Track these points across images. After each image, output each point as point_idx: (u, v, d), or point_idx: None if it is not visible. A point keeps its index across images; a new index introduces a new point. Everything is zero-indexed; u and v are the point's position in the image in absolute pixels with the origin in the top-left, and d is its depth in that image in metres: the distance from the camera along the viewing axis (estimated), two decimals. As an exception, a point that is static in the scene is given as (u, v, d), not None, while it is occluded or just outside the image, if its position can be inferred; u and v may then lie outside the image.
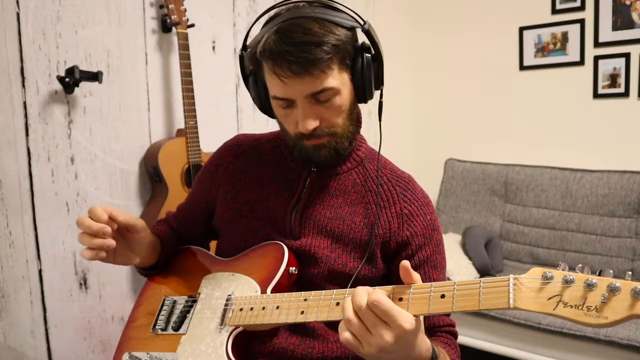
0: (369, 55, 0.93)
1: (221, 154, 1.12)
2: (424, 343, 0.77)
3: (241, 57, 0.98)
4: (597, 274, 0.63)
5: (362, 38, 0.95)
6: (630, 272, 0.63)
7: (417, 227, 0.98)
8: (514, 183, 2.71)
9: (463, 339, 2.29)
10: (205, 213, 1.14)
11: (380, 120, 1.00)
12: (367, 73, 0.93)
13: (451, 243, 2.60)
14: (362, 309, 0.71)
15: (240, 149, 1.10)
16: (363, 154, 1.04)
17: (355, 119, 0.99)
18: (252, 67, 0.95)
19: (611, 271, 0.63)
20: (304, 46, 0.83)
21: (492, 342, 2.24)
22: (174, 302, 1.05)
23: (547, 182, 2.60)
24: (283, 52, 0.83)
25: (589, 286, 0.62)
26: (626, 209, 2.37)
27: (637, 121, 2.52)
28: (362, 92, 0.94)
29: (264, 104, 0.98)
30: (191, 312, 1.01)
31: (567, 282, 0.64)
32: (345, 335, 0.73)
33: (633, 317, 0.59)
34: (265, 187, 1.04)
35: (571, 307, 0.63)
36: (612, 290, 0.60)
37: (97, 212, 0.94)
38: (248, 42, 0.96)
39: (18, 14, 1.58)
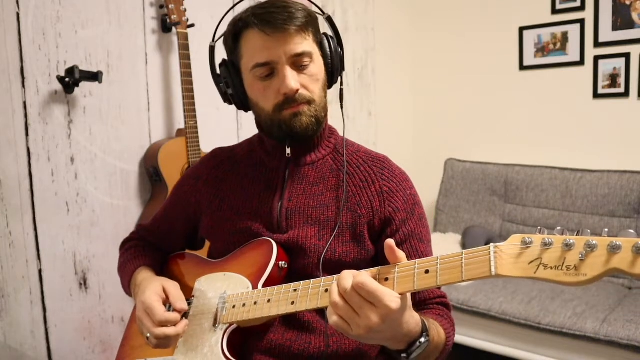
0: (334, 40, 1.02)
1: (199, 169, 1.14)
2: (413, 318, 0.77)
3: (212, 48, 1.04)
4: (575, 234, 0.64)
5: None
6: (606, 230, 0.63)
7: (398, 202, 1.00)
8: (514, 183, 2.71)
9: (463, 339, 2.29)
10: (188, 226, 1.15)
11: (342, 107, 1.06)
12: (335, 54, 1.00)
13: (451, 243, 2.60)
14: (347, 292, 0.72)
15: (218, 160, 1.12)
16: (335, 141, 1.07)
17: (326, 97, 1.02)
18: (226, 57, 1.01)
19: (589, 231, 0.64)
20: (287, 8, 0.92)
21: (492, 342, 2.24)
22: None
23: (547, 182, 2.60)
24: (268, 13, 0.91)
25: (567, 246, 0.63)
26: (626, 209, 2.37)
27: (637, 121, 2.52)
28: (330, 72, 1.01)
29: (238, 91, 1.01)
30: (186, 315, 1.01)
31: (546, 245, 0.65)
32: (333, 318, 0.74)
33: (611, 271, 0.60)
34: (247, 190, 1.05)
35: (551, 268, 0.64)
36: (589, 247, 0.61)
37: (170, 317, 0.95)
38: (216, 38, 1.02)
39: (18, 14, 1.59)
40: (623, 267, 0.59)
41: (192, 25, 1.90)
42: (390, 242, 0.76)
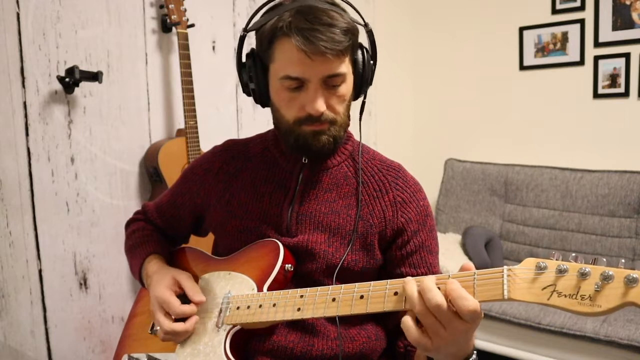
0: (369, 54, 0.98)
1: (210, 159, 1.11)
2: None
3: (242, 38, 0.98)
4: (590, 262, 0.63)
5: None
6: (623, 260, 0.62)
7: (411, 213, 1.00)
8: (514, 183, 2.71)
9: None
10: (193, 215, 1.14)
11: (360, 120, 1.04)
12: (367, 70, 0.97)
13: (451, 243, 2.60)
14: (441, 308, 0.68)
15: (230, 153, 1.10)
16: (351, 147, 1.06)
17: (349, 115, 1.00)
18: (255, 48, 0.96)
19: (605, 260, 0.63)
20: (331, 27, 0.87)
21: (492, 342, 2.24)
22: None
23: (547, 182, 2.60)
24: (313, 30, 0.85)
25: (583, 275, 0.62)
26: (626, 209, 2.37)
27: (637, 121, 2.52)
28: (359, 87, 0.98)
29: (261, 88, 0.97)
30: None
31: (561, 272, 0.64)
32: (415, 335, 0.71)
33: (626, 304, 0.59)
34: (259, 188, 1.04)
35: (565, 296, 0.63)
36: (605, 279, 0.60)
37: (186, 310, 0.95)
38: (250, 26, 0.96)
39: (18, 14, 1.59)
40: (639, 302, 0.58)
41: (192, 25, 1.90)
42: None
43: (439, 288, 0.70)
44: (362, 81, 0.97)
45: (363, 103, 1.02)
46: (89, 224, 1.79)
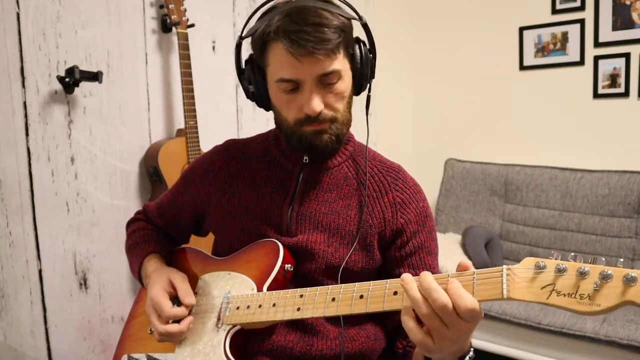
0: (366, 47, 0.98)
1: (211, 159, 1.11)
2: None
3: (239, 45, 0.99)
4: (589, 262, 0.63)
5: (356, 33, 0.98)
6: (622, 260, 0.63)
7: (411, 214, 1.00)
8: (514, 183, 2.71)
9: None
10: (194, 215, 1.14)
11: (367, 114, 1.03)
12: (365, 63, 0.97)
13: (451, 243, 2.60)
14: (447, 309, 0.67)
15: (231, 153, 1.10)
16: (352, 148, 1.06)
17: (350, 111, 1.00)
18: (252, 54, 0.97)
19: (603, 259, 0.63)
20: (317, 26, 0.86)
21: (492, 342, 2.24)
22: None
23: (547, 182, 2.60)
24: (299, 31, 0.86)
25: (582, 274, 0.62)
26: (626, 209, 2.37)
27: (637, 121, 2.52)
28: (359, 82, 0.97)
29: (261, 92, 0.98)
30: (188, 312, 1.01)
31: (560, 271, 0.64)
32: (419, 336, 0.71)
33: (625, 303, 0.59)
34: (259, 188, 1.04)
35: (564, 295, 0.63)
36: (604, 278, 0.60)
37: (178, 313, 0.95)
38: (245, 33, 0.97)
39: (18, 14, 1.59)
40: (638, 301, 0.58)
41: (192, 25, 1.90)
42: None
43: None
44: (362, 75, 0.97)
45: (368, 97, 1.02)
46: (89, 224, 1.79)
